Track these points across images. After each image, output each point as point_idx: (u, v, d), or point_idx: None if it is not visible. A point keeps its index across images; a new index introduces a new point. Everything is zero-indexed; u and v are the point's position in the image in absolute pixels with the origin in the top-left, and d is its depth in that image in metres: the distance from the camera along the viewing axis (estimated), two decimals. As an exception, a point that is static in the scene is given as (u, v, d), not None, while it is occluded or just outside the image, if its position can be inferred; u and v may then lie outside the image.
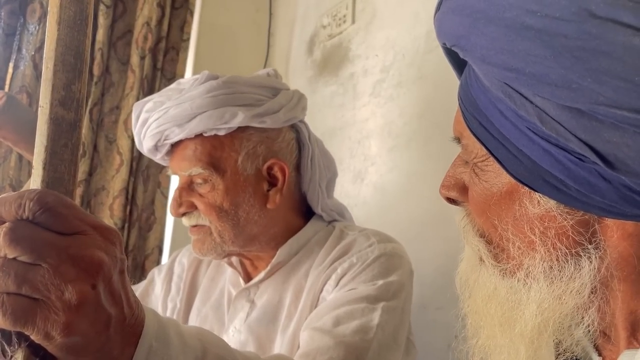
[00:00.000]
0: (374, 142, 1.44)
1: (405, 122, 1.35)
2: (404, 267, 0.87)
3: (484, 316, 0.48)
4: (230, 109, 0.83)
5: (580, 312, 0.42)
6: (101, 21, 1.59)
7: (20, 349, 0.37)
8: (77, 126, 0.40)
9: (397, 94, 1.39)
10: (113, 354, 0.41)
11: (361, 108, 1.50)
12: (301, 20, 1.86)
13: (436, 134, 1.25)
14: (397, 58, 1.40)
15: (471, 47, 0.41)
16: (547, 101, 0.37)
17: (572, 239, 0.41)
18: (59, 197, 0.38)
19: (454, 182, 0.51)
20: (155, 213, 1.67)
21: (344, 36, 1.62)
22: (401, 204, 1.33)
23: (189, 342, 0.49)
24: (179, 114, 0.83)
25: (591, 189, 0.38)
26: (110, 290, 0.40)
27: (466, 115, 0.45)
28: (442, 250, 1.17)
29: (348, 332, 0.74)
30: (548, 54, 0.36)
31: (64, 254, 0.37)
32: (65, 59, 0.39)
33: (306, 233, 0.93)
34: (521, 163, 0.41)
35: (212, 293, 0.97)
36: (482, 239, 0.48)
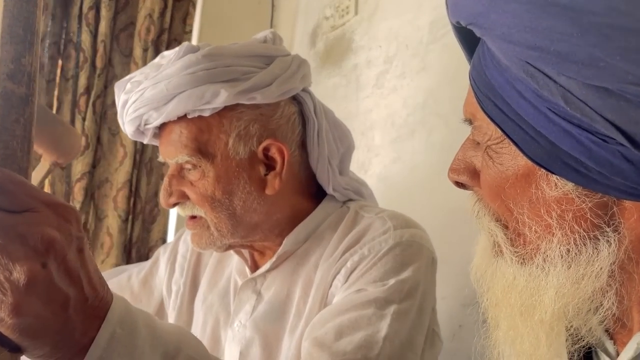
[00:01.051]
0: (378, 133, 1.44)
1: (409, 113, 1.34)
2: (423, 257, 0.78)
3: (505, 307, 0.47)
4: (211, 86, 0.73)
5: (598, 296, 0.42)
6: (103, 13, 1.59)
7: None
8: (30, 101, 0.38)
9: (400, 85, 1.38)
10: (74, 337, 0.40)
11: (364, 99, 1.50)
12: (304, 12, 1.85)
13: (440, 125, 1.25)
14: (401, 49, 1.40)
15: (490, 25, 0.40)
16: (572, 80, 0.36)
17: (591, 221, 0.40)
18: (7, 174, 0.37)
19: (463, 166, 0.50)
20: (159, 205, 1.67)
21: (347, 27, 1.61)
22: (404, 194, 1.32)
23: (160, 336, 0.46)
24: (155, 95, 0.74)
25: (613, 170, 0.37)
26: (66, 269, 0.38)
27: (479, 96, 0.44)
28: (446, 240, 1.17)
29: (350, 348, 0.66)
30: (575, 31, 0.35)
31: (12, 232, 0.35)
32: (12, 30, 0.37)
33: (315, 218, 0.83)
34: (539, 145, 0.40)
35: (219, 279, 0.89)
36: (499, 223, 0.47)
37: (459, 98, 1.33)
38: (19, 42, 0.38)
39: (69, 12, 1.58)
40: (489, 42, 0.42)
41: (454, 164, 0.51)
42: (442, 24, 1.27)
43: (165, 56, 0.79)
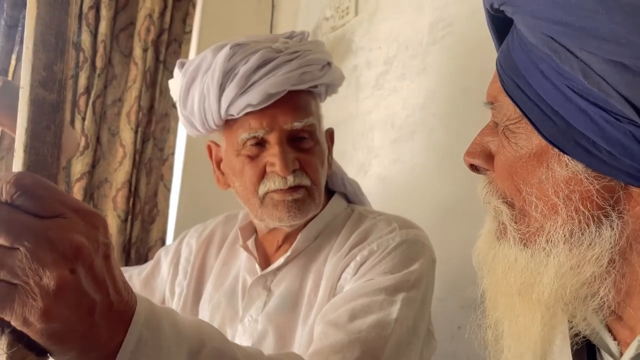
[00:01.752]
0: (377, 134, 1.44)
1: (408, 114, 1.34)
2: (426, 255, 0.83)
3: (504, 287, 0.48)
4: (329, 65, 0.87)
5: (597, 282, 0.43)
6: (104, 13, 1.58)
7: (4, 335, 0.36)
8: (60, 107, 0.38)
9: (400, 86, 1.38)
10: (100, 341, 0.40)
11: (364, 100, 1.50)
12: (304, 12, 1.85)
13: (439, 126, 1.25)
14: (401, 50, 1.40)
15: (521, 3, 0.43)
16: (593, 55, 0.38)
17: (596, 203, 0.42)
18: (38, 179, 0.37)
19: (479, 150, 0.52)
20: (158, 205, 1.67)
21: (347, 28, 1.61)
22: (404, 195, 1.32)
23: (184, 333, 0.46)
24: (317, 59, 0.84)
25: (623, 151, 0.39)
26: (93, 275, 0.38)
27: (503, 78, 0.46)
28: (446, 241, 1.17)
29: (364, 327, 0.70)
30: (600, 8, 0.38)
31: (42, 238, 0.36)
32: (45, 38, 0.38)
33: (325, 216, 0.88)
34: (554, 124, 0.42)
35: (225, 279, 0.92)
36: (505, 202, 0.48)
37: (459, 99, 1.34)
38: (51, 50, 0.38)
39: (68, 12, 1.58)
40: (518, 21, 0.44)
41: (471, 148, 0.53)
42: (442, 25, 1.27)
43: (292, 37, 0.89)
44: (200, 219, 1.85)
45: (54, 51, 0.38)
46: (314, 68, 0.83)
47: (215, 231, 0.99)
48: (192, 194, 1.77)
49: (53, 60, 0.38)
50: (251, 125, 0.81)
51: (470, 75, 1.19)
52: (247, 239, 0.92)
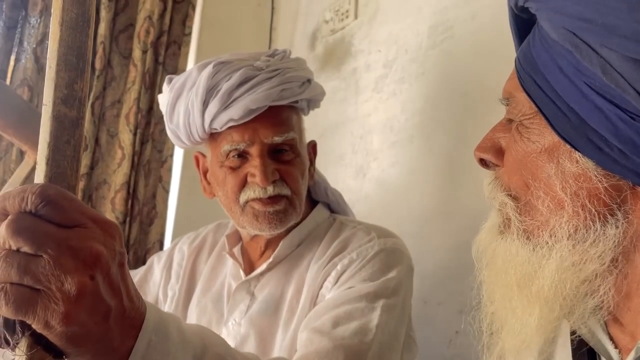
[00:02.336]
0: (376, 137, 1.44)
1: (407, 118, 1.34)
2: (404, 262, 0.86)
3: (503, 278, 0.49)
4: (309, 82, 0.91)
5: (597, 280, 0.43)
6: (103, 15, 1.58)
7: (24, 337, 0.38)
8: (79, 123, 0.41)
9: (399, 89, 1.38)
10: (113, 345, 0.42)
11: (363, 103, 1.50)
12: (303, 15, 1.85)
13: (438, 130, 1.25)
14: (400, 53, 1.40)
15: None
16: (613, 52, 0.39)
17: (603, 201, 0.43)
18: (60, 191, 0.39)
19: (490, 145, 0.53)
20: (157, 207, 1.66)
21: (347, 31, 1.61)
22: (403, 199, 1.32)
23: (189, 339, 0.49)
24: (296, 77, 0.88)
25: (634, 149, 0.40)
26: (109, 282, 0.40)
27: (521, 74, 0.47)
28: (443, 245, 1.17)
29: (347, 334, 0.73)
30: (624, 7, 0.39)
31: (64, 246, 0.37)
32: (67, 59, 0.40)
33: (307, 225, 0.93)
34: (568, 120, 0.43)
35: (213, 284, 0.97)
36: (510, 197, 0.49)
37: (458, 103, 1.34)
38: (72, 70, 0.41)
39: (68, 13, 1.58)
40: (542, 17, 0.45)
41: (482, 143, 0.54)
42: (442, 29, 1.27)
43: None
44: (198, 220, 1.85)
45: (75, 70, 0.41)
46: (293, 85, 0.87)
47: (207, 238, 1.04)
48: (190, 196, 1.77)
49: (74, 79, 0.41)
50: (234, 138, 0.86)
51: (469, 80, 1.19)
52: (233, 246, 0.96)
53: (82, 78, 0.41)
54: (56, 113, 0.40)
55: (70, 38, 0.41)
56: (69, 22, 0.41)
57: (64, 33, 0.40)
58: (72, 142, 0.40)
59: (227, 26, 1.89)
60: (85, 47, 0.41)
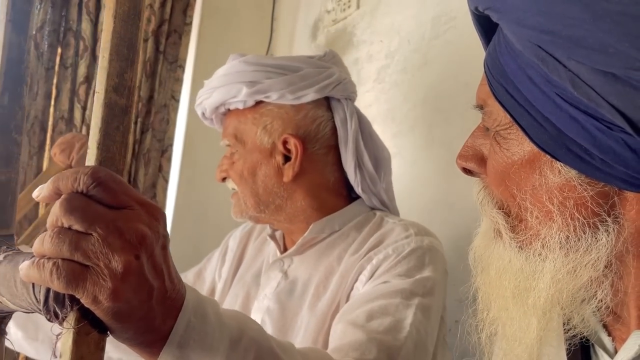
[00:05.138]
0: (378, 127, 1.43)
1: (409, 108, 1.34)
2: (439, 263, 0.86)
3: (497, 288, 0.48)
4: (236, 85, 0.91)
5: (594, 286, 0.42)
6: (104, 2, 1.57)
7: (72, 311, 0.40)
8: (128, 111, 0.43)
9: (401, 80, 1.38)
10: (154, 324, 0.43)
11: (365, 94, 1.49)
12: (305, 5, 1.84)
13: (440, 120, 1.25)
14: (402, 44, 1.39)
15: (507, 9, 0.41)
16: (581, 65, 0.37)
17: (591, 210, 0.41)
18: (110, 174, 0.41)
19: (472, 153, 0.51)
20: (157, 196, 1.67)
21: (349, 21, 1.61)
22: (404, 189, 1.32)
23: (226, 322, 0.50)
24: (206, 88, 0.95)
25: (616, 158, 0.38)
26: (153, 263, 0.42)
27: (492, 82, 0.45)
28: (445, 236, 1.17)
29: (381, 328, 0.73)
30: (587, 17, 0.36)
31: (112, 226, 0.39)
32: (119, 49, 0.43)
33: (344, 215, 0.94)
34: (545, 131, 0.41)
35: (256, 262, 1.02)
36: (501, 210, 0.48)
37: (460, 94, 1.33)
38: (123, 60, 0.43)
39: (69, 0, 1.57)
40: (504, 27, 0.42)
41: (463, 151, 0.52)
42: (445, 19, 1.26)
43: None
44: (198, 210, 1.85)
45: (125, 61, 0.43)
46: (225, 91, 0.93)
47: (257, 224, 1.09)
48: (190, 186, 1.77)
49: (124, 69, 0.43)
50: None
51: (471, 70, 1.18)
52: (276, 230, 1.02)
53: (131, 68, 0.43)
54: (108, 100, 0.42)
55: (123, 30, 0.43)
56: (121, 15, 0.42)
57: (117, 25, 0.42)
58: (121, 128, 0.43)
59: (228, 16, 1.88)
60: (135, 38, 0.43)
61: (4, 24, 0.49)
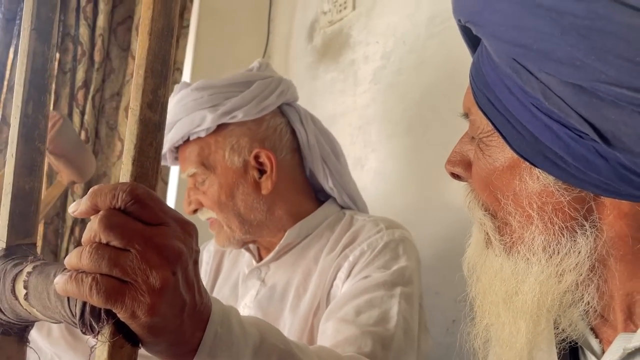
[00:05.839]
0: (374, 128, 1.45)
1: (405, 109, 1.35)
2: (412, 252, 0.89)
3: (490, 295, 0.49)
4: (198, 112, 0.91)
5: (580, 289, 0.44)
6: (101, 7, 1.59)
7: (108, 325, 0.40)
8: (161, 127, 0.43)
9: (397, 80, 1.39)
10: (185, 336, 0.45)
11: (362, 94, 1.50)
12: (301, 6, 1.85)
13: (435, 121, 1.26)
14: (398, 45, 1.40)
15: (484, 23, 0.43)
16: (551, 77, 0.39)
17: (568, 214, 0.43)
18: (147, 191, 0.41)
19: (459, 158, 0.52)
20: (157, 199, 1.68)
21: (345, 22, 1.62)
22: (400, 189, 1.34)
23: (248, 330, 0.52)
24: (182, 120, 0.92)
25: (588, 165, 0.39)
26: (186, 278, 0.43)
27: (475, 91, 0.46)
28: (440, 236, 1.18)
29: (371, 321, 0.77)
30: (556, 31, 0.37)
31: (150, 242, 0.40)
32: (154, 66, 0.43)
33: (316, 217, 0.96)
34: (524, 139, 0.42)
35: (232, 275, 1.04)
36: (488, 213, 0.49)
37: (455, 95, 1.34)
38: (158, 77, 0.43)
39: (66, 5, 1.57)
40: (483, 39, 0.44)
41: (451, 156, 0.53)
42: (440, 20, 1.27)
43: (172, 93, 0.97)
44: (198, 212, 1.86)
45: (160, 77, 0.43)
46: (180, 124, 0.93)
47: None
48: (190, 188, 1.78)
49: (158, 86, 0.43)
50: None
51: (466, 70, 1.19)
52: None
53: (165, 84, 0.43)
54: (142, 117, 0.42)
55: (157, 47, 0.43)
56: (156, 32, 0.43)
57: (152, 42, 0.42)
58: (155, 144, 0.43)
59: (225, 18, 1.89)
60: (169, 55, 0.43)
61: (29, 32, 0.49)
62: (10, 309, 0.47)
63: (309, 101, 1.71)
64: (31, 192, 0.50)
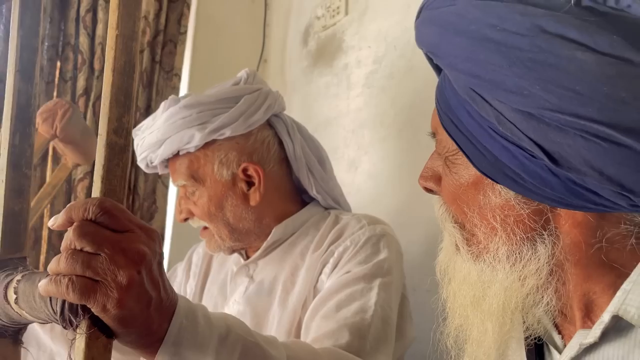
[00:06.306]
0: (367, 131, 1.49)
1: (397, 113, 1.39)
2: (393, 245, 0.94)
3: (459, 298, 0.53)
4: (187, 131, 0.93)
5: (540, 291, 0.48)
6: (100, 16, 1.62)
7: (84, 320, 0.46)
8: (126, 149, 0.50)
9: (388, 84, 1.43)
10: (152, 328, 0.50)
11: (355, 98, 1.54)
12: (296, 11, 1.89)
13: (425, 124, 1.28)
14: (389, 49, 1.44)
15: (442, 54, 0.47)
16: (503, 105, 0.42)
17: (528, 225, 0.47)
18: (114, 203, 0.48)
19: (431, 174, 0.56)
20: (157, 202, 1.72)
21: (338, 27, 1.65)
22: (393, 190, 1.38)
23: (214, 323, 0.57)
24: (151, 141, 0.96)
25: (542, 182, 0.43)
26: (151, 277, 0.48)
27: (440, 113, 0.50)
28: (431, 234, 1.22)
29: (349, 314, 0.81)
30: (504, 63, 0.41)
31: (117, 247, 0.46)
32: (117, 98, 0.49)
33: (302, 216, 1.00)
34: (485, 158, 0.46)
35: (220, 274, 1.08)
36: (457, 224, 0.53)
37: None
38: (121, 106, 0.49)
39: (66, 15, 1.61)
40: (443, 68, 0.48)
41: (423, 172, 0.57)
42: (428, 26, 1.31)
43: (160, 107, 0.99)
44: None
45: (123, 107, 0.49)
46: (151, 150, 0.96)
47: None
48: (190, 191, 1.82)
49: (122, 114, 0.49)
50: None
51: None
52: None
53: (128, 113, 0.49)
54: (109, 141, 0.48)
55: (120, 81, 0.49)
56: (118, 69, 0.49)
57: (115, 78, 0.48)
58: (121, 165, 0.49)
59: (221, 24, 1.93)
60: (130, 88, 0.50)
61: (13, 74, 0.55)
62: (4, 313, 0.53)
63: (305, 105, 1.75)
64: (20, 212, 0.57)
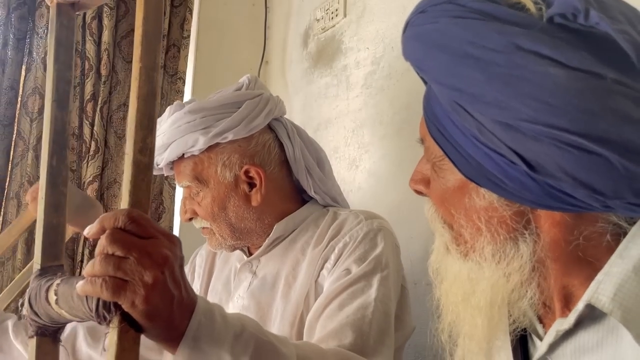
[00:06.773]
0: (367, 130, 1.53)
1: (395, 112, 1.43)
2: (389, 239, 0.97)
3: (451, 295, 0.57)
4: (192, 135, 0.97)
5: (524, 286, 0.52)
6: (106, 22, 1.67)
7: (116, 315, 0.52)
8: (150, 167, 0.55)
9: (387, 85, 1.47)
10: (175, 323, 0.56)
11: (354, 99, 1.58)
12: (296, 14, 1.93)
13: (423, 123, 1.33)
14: (387, 50, 1.48)
15: (426, 69, 0.51)
16: (483, 116, 0.46)
17: (511, 226, 0.50)
18: (141, 214, 0.53)
19: (420, 177, 0.60)
20: (164, 203, 1.76)
21: (337, 29, 1.69)
22: (392, 188, 1.42)
23: (230, 321, 0.62)
24: (157, 145, 0.99)
25: (522, 186, 0.47)
26: (173, 277, 0.54)
27: (427, 122, 0.54)
28: (430, 230, 1.26)
29: (351, 311, 0.85)
30: (484, 78, 0.45)
31: (144, 251, 0.51)
32: (141, 121, 0.55)
33: (301, 213, 1.05)
34: (469, 164, 0.50)
35: (224, 271, 1.12)
36: (445, 224, 0.57)
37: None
38: (145, 129, 0.55)
39: (73, 22, 1.66)
40: (428, 82, 0.52)
41: (413, 175, 0.61)
42: (424, 27, 1.35)
43: (165, 112, 1.04)
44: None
45: (146, 129, 0.55)
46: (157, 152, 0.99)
47: None
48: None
49: (146, 135, 0.55)
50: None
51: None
52: None
53: (151, 134, 0.55)
54: (135, 160, 0.54)
55: (143, 107, 0.55)
56: (142, 96, 0.55)
57: (139, 104, 0.55)
58: (145, 180, 0.55)
59: (224, 27, 1.97)
60: (153, 112, 0.55)
61: (50, 103, 0.62)
62: (45, 313, 0.59)
63: (306, 105, 1.80)
64: (57, 225, 0.63)
